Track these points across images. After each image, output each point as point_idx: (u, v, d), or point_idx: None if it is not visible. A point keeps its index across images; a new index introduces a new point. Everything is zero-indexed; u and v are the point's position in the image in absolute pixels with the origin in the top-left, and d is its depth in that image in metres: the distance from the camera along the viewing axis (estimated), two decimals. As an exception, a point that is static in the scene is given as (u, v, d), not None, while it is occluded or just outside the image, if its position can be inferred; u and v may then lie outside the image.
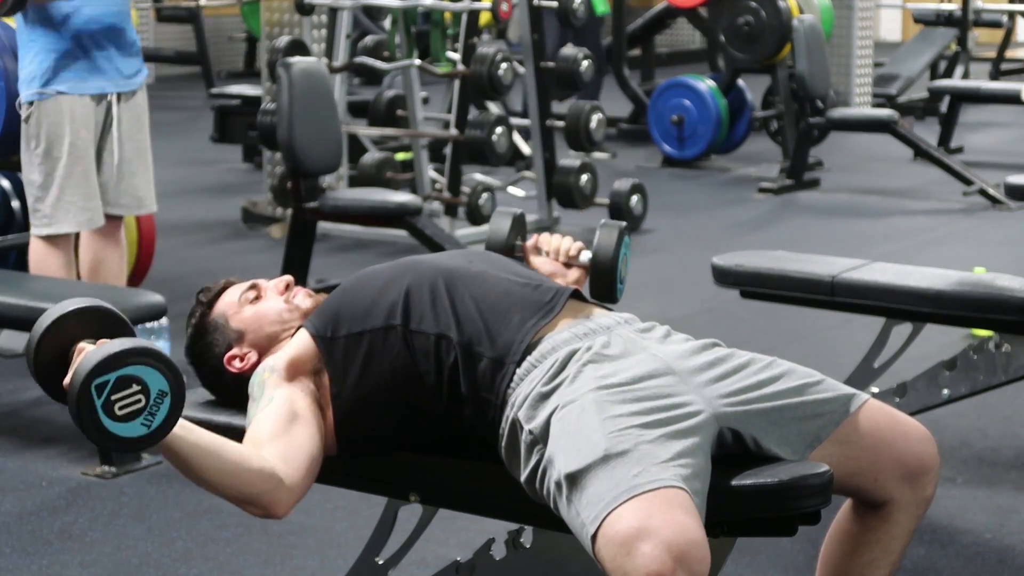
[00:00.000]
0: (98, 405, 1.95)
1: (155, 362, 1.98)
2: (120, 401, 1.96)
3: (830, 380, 2.21)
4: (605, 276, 2.55)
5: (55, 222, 4.23)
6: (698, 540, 1.86)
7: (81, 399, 1.94)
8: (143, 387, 1.96)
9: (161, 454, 2.10)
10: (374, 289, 2.28)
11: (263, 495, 2.12)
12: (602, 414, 2.02)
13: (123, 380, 1.95)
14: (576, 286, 2.53)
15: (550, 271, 2.56)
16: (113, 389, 1.95)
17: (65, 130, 4.20)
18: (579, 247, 2.59)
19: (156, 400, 1.97)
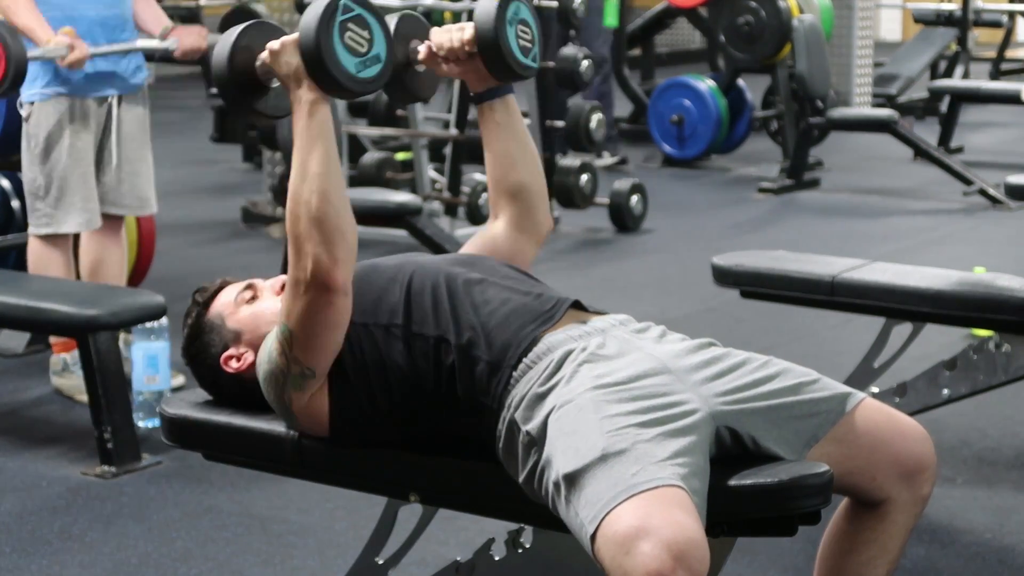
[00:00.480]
0: (338, 20, 2.12)
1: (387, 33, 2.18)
2: (352, 32, 2.13)
3: (826, 379, 2.21)
4: (494, 51, 2.31)
5: (54, 222, 4.23)
6: (697, 539, 1.86)
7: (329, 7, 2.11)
8: (371, 40, 2.15)
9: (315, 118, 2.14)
10: (378, 285, 2.28)
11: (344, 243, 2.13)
12: (599, 414, 2.02)
13: (363, 20, 2.14)
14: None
15: (459, 71, 2.36)
16: (353, 20, 2.13)
17: (65, 131, 4.20)
18: (470, 36, 2.33)
19: (372, 58, 2.15)
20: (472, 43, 2.33)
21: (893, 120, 7.89)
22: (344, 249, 2.14)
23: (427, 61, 2.37)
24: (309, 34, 2.12)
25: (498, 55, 2.31)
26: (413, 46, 2.37)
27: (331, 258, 2.12)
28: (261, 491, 3.51)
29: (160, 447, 3.72)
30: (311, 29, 2.12)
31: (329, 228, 2.12)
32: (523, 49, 2.34)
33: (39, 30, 4.07)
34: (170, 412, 2.43)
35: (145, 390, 4.00)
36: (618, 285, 5.19)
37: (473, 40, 2.32)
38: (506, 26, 2.30)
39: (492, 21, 2.30)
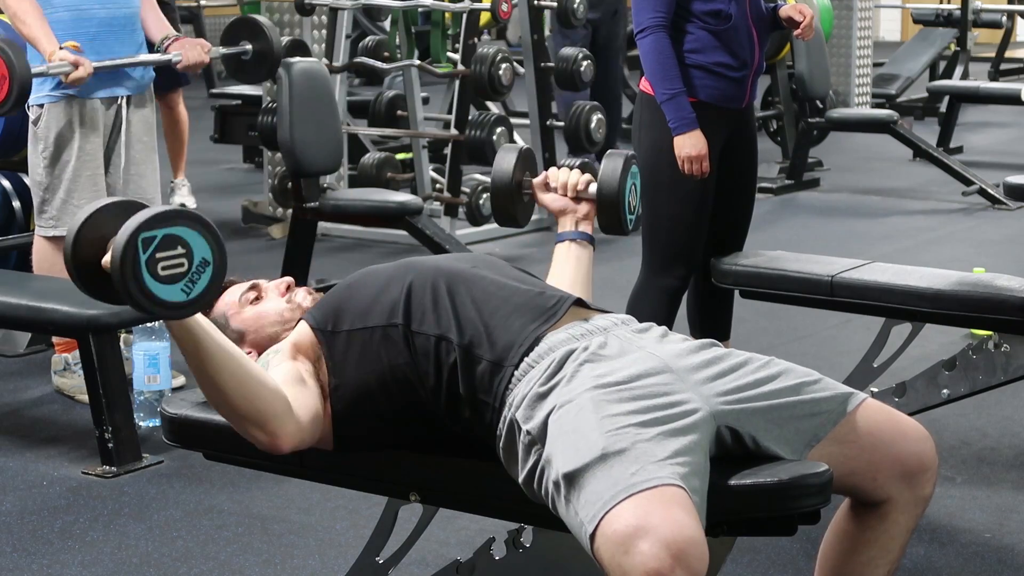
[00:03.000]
0: (142, 259, 1.93)
1: (203, 230, 1.98)
2: (164, 261, 1.95)
3: (828, 379, 2.22)
4: (611, 206, 2.55)
5: (61, 224, 4.23)
6: (696, 538, 1.86)
7: (127, 252, 1.93)
8: (188, 251, 1.96)
9: (182, 341, 2.05)
10: (376, 287, 2.28)
11: (273, 418, 2.12)
12: (599, 413, 2.02)
13: (169, 240, 1.95)
14: (587, 221, 2.61)
15: (560, 207, 2.61)
16: (159, 247, 1.94)
17: (75, 134, 4.20)
18: (587, 180, 2.60)
19: (199, 268, 1.98)
20: (586, 188, 2.60)
21: (893, 120, 7.89)
22: (274, 420, 2.13)
23: (536, 187, 2.60)
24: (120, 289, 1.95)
25: (615, 212, 2.56)
26: (527, 176, 2.65)
27: (267, 434, 2.14)
28: (262, 491, 3.52)
29: (161, 447, 3.72)
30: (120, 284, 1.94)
31: (249, 415, 2.12)
32: (631, 208, 2.58)
33: (44, 41, 4.07)
34: (171, 412, 2.44)
35: (146, 390, 4.01)
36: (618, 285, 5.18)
37: (587, 186, 2.60)
38: (627, 187, 2.56)
39: (617, 179, 2.55)
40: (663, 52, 3.75)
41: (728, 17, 3.77)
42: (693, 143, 3.74)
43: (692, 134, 3.74)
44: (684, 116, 3.74)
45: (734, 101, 3.85)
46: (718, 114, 3.82)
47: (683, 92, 3.76)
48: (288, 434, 2.14)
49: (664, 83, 3.76)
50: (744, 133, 3.95)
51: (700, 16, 3.77)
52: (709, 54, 3.78)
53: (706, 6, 3.76)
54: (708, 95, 3.80)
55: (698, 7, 3.76)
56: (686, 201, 3.83)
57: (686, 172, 3.76)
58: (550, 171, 2.63)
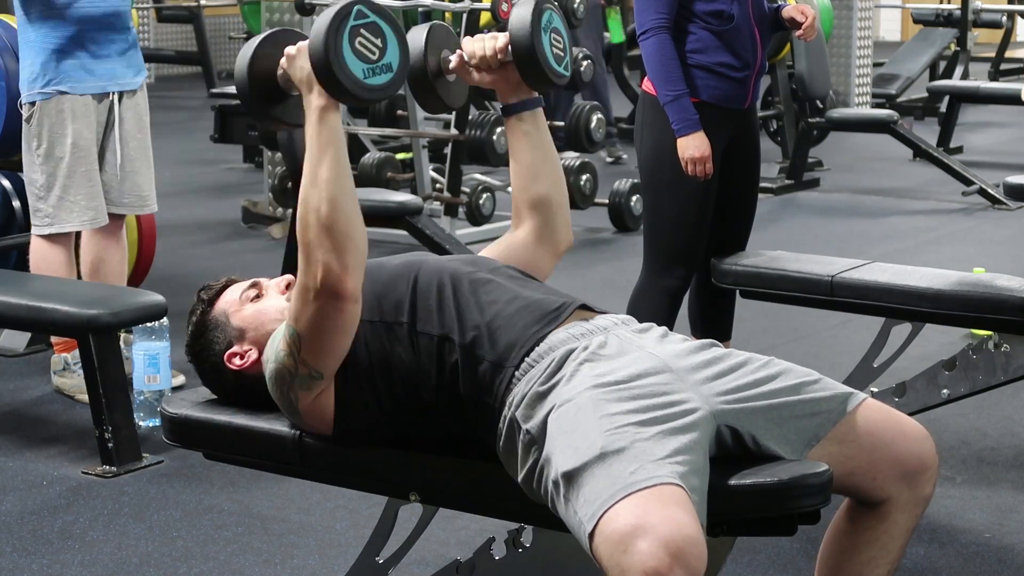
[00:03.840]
0: (349, 24, 2.09)
1: (402, 41, 2.15)
2: (363, 39, 2.10)
3: (827, 379, 2.21)
4: (529, 60, 2.33)
5: (57, 222, 4.24)
6: (695, 537, 1.86)
7: (343, 10, 2.08)
8: (383, 48, 2.12)
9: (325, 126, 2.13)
10: (383, 282, 2.28)
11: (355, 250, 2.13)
12: (599, 412, 2.02)
13: (376, 27, 2.12)
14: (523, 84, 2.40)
15: (490, 81, 2.40)
16: (366, 26, 2.11)
17: (67, 130, 4.20)
18: (503, 44, 2.36)
19: (383, 67, 2.12)
20: (504, 51, 2.36)
21: (893, 120, 7.89)
22: (354, 256, 2.14)
23: (458, 70, 2.41)
24: (318, 37, 2.10)
25: (533, 63, 2.33)
26: (444, 55, 2.41)
27: (341, 265, 2.12)
28: (262, 491, 3.52)
29: (161, 447, 3.72)
30: (320, 33, 2.10)
31: (340, 235, 2.12)
32: (556, 57, 2.37)
33: None
34: (171, 412, 2.44)
35: (146, 390, 4.01)
36: (618, 285, 5.18)
37: (505, 48, 2.35)
38: (541, 34, 2.33)
39: (527, 29, 2.32)
40: (666, 54, 3.75)
41: (730, 18, 3.77)
42: (696, 145, 3.74)
43: (695, 136, 3.74)
44: (687, 118, 3.74)
45: (737, 101, 3.85)
46: (721, 114, 3.82)
47: (686, 94, 3.76)
48: (355, 275, 2.14)
49: (667, 85, 3.76)
50: (747, 133, 3.95)
51: (702, 16, 3.77)
52: (712, 54, 3.79)
53: (708, 7, 3.76)
54: (710, 95, 3.80)
55: (700, 8, 3.76)
56: (688, 201, 3.82)
57: (689, 174, 3.76)
58: (464, 46, 2.39)
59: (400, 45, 2.15)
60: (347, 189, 2.14)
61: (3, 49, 4.69)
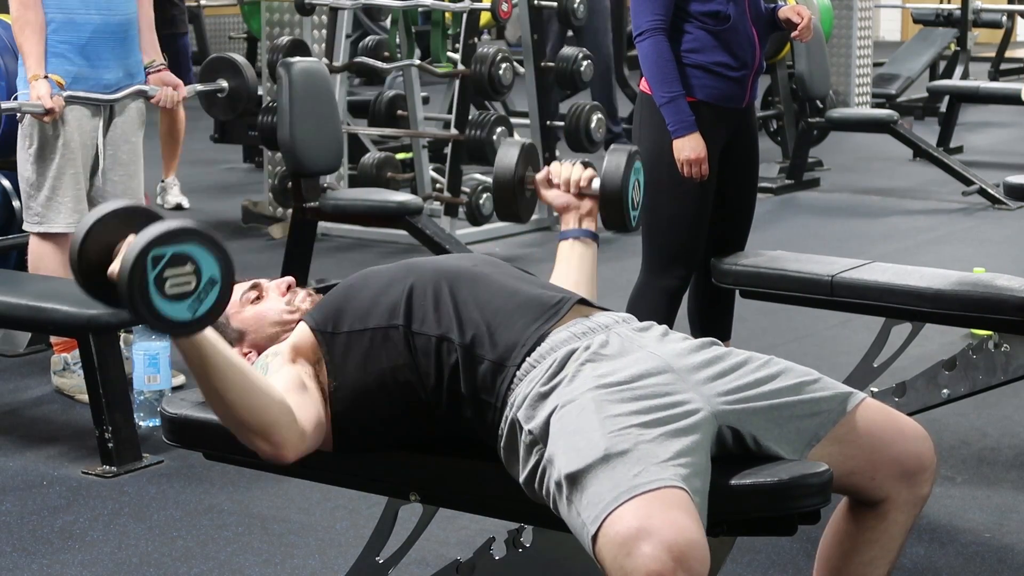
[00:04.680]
0: (151, 277, 1.92)
1: (213, 248, 1.97)
2: (172, 279, 1.94)
3: (827, 379, 2.21)
4: (615, 202, 2.53)
5: (46, 221, 4.26)
6: (698, 540, 1.86)
7: (136, 267, 1.92)
8: (196, 270, 1.95)
9: (189, 355, 2.05)
10: (376, 288, 2.28)
11: (279, 427, 2.12)
12: (601, 413, 2.02)
13: (179, 257, 1.94)
14: (590, 217, 2.59)
15: (563, 203, 2.59)
16: (168, 264, 1.93)
17: (60, 132, 4.21)
18: (590, 175, 2.58)
19: (206, 286, 1.96)
20: (588, 184, 2.57)
21: (893, 120, 7.89)
22: (279, 430, 2.13)
23: (539, 183, 2.60)
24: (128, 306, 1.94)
25: (618, 208, 2.54)
26: (530, 173, 2.63)
27: (272, 444, 2.14)
28: (261, 491, 3.52)
29: (161, 446, 3.72)
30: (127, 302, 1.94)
31: (255, 426, 2.12)
32: (634, 205, 2.55)
33: (32, 60, 4.15)
34: (171, 412, 2.44)
35: (146, 389, 4.01)
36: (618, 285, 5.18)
37: (590, 181, 2.57)
38: (630, 182, 2.52)
39: (620, 175, 2.52)
40: (662, 55, 3.76)
41: (727, 18, 3.77)
42: (692, 146, 3.74)
43: (691, 137, 3.74)
44: (683, 119, 3.75)
45: (734, 101, 3.85)
46: (718, 114, 3.82)
47: (682, 95, 3.76)
48: (292, 444, 2.14)
49: (663, 86, 3.76)
50: (745, 133, 3.95)
51: (698, 17, 3.77)
52: (708, 54, 3.78)
53: (704, 7, 3.76)
54: (707, 95, 3.80)
55: (696, 8, 3.76)
56: (686, 201, 3.82)
57: (685, 175, 3.76)
58: (552, 166, 2.62)
59: (211, 250, 1.97)
60: (239, 388, 2.08)
61: (3, 49, 4.69)
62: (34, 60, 4.13)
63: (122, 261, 1.94)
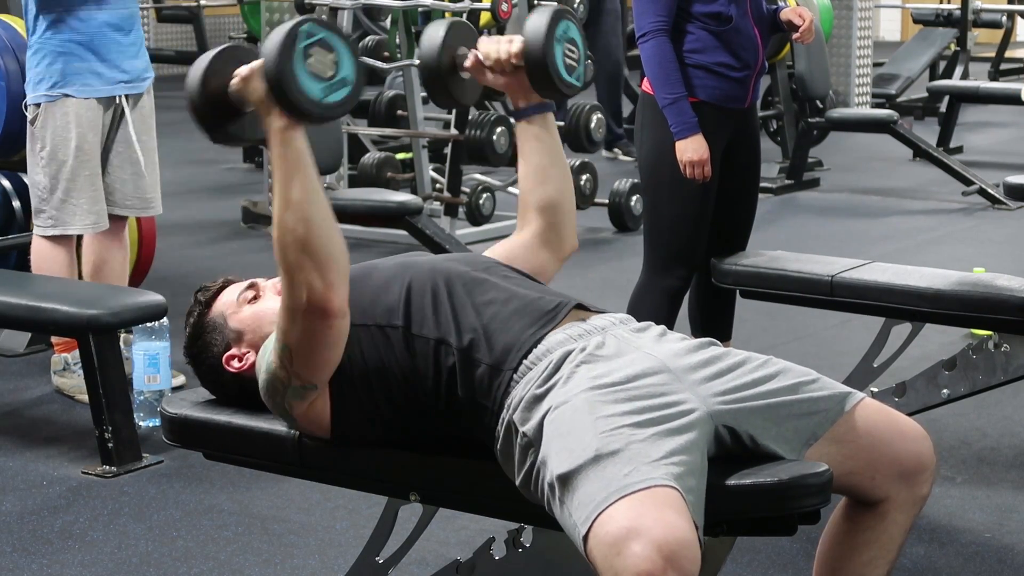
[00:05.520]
0: (300, 46, 2.05)
1: (356, 56, 2.10)
2: (316, 57, 2.06)
3: (826, 379, 2.21)
4: (539, 67, 2.32)
5: (60, 224, 4.23)
6: (688, 540, 1.86)
7: (290, 32, 2.05)
8: (337, 63, 2.08)
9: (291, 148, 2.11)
10: (376, 286, 2.28)
11: (336, 266, 2.11)
12: (594, 414, 2.02)
13: (328, 44, 2.08)
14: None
15: (503, 83, 2.40)
16: (317, 44, 2.07)
17: (71, 133, 4.19)
18: (518, 48, 2.36)
19: (340, 82, 2.09)
20: (519, 56, 2.35)
21: (892, 120, 7.89)
22: (336, 272, 2.12)
23: (472, 69, 2.41)
24: (270, 61, 2.07)
25: (543, 72, 2.33)
26: (460, 53, 2.41)
27: (325, 284, 2.11)
28: (262, 491, 3.52)
29: (161, 447, 3.72)
30: (272, 56, 2.07)
31: (319, 254, 2.10)
32: (568, 67, 2.37)
33: None
34: (171, 412, 2.44)
35: (146, 390, 4.01)
36: (618, 285, 5.19)
37: (520, 53, 2.35)
38: (554, 44, 2.33)
39: (541, 38, 2.31)
40: (664, 56, 3.76)
41: (728, 19, 3.77)
42: (695, 147, 3.74)
43: (694, 138, 3.74)
44: (686, 120, 3.75)
45: (736, 101, 3.85)
46: (720, 114, 3.82)
47: (684, 96, 3.76)
48: (340, 291, 2.12)
49: (666, 87, 3.76)
50: (747, 133, 3.95)
51: (700, 18, 3.77)
52: (711, 54, 3.78)
53: (706, 8, 3.76)
54: (710, 95, 3.80)
55: (698, 9, 3.77)
56: (688, 201, 3.82)
57: (687, 176, 3.76)
58: (480, 47, 2.39)
59: (353, 57, 2.12)
60: (321, 207, 2.11)
61: (3, 49, 4.69)
62: None
63: (277, 29, 2.08)
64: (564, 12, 2.36)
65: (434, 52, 2.40)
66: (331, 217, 2.13)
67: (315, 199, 2.11)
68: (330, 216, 2.13)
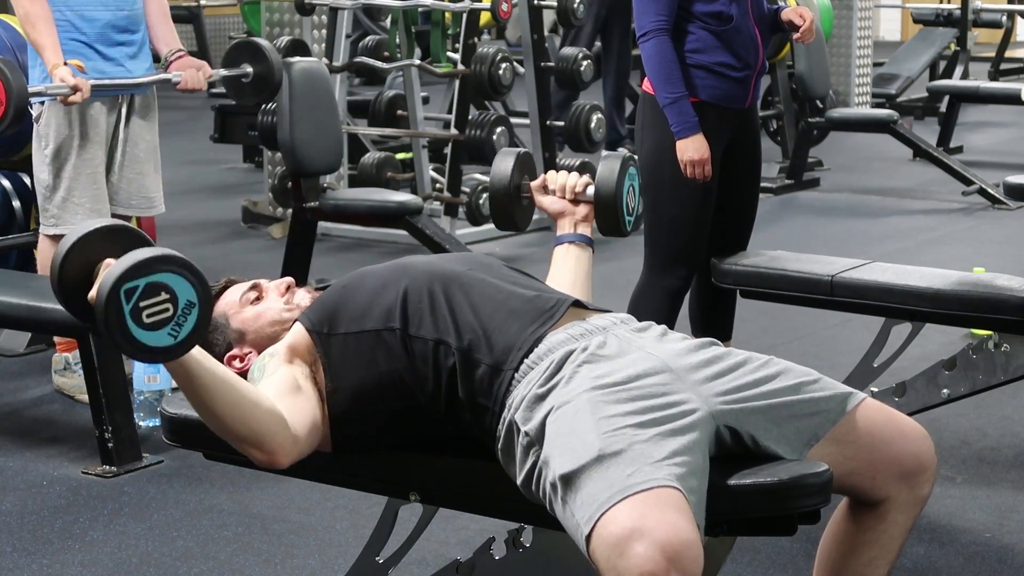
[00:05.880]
0: (126, 311, 1.94)
1: (185, 272, 1.98)
2: (148, 309, 1.95)
3: (827, 379, 2.21)
4: (609, 208, 2.56)
5: (61, 222, 4.23)
6: (691, 540, 1.86)
7: (109, 304, 1.93)
8: (172, 296, 1.97)
9: (176, 375, 2.08)
10: (371, 290, 2.27)
11: (271, 436, 2.12)
12: (596, 414, 2.02)
13: (152, 287, 1.96)
14: (586, 223, 2.61)
15: (559, 209, 2.62)
16: (142, 295, 1.94)
17: (75, 132, 4.19)
18: (585, 182, 2.61)
19: (184, 311, 1.98)
20: (584, 190, 2.60)
21: (892, 120, 7.89)
22: (272, 438, 2.13)
23: (534, 191, 2.62)
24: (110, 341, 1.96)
25: (613, 213, 2.57)
26: (525, 181, 2.65)
27: (265, 452, 2.14)
28: (262, 491, 3.52)
29: (161, 446, 3.72)
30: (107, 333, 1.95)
31: (248, 437, 2.12)
32: (629, 210, 2.59)
33: (50, 51, 4.08)
34: (171, 411, 2.44)
35: (146, 389, 4.01)
36: (618, 285, 5.19)
37: (585, 188, 2.60)
38: (624, 188, 2.55)
39: (614, 181, 2.55)
40: (665, 56, 3.76)
41: (729, 19, 3.77)
42: (696, 147, 3.74)
43: (694, 138, 3.74)
44: (686, 120, 3.75)
45: (737, 101, 3.85)
46: (721, 114, 3.82)
47: (685, 96, 3.76)
48: (285, 451, 2.15)
49: (666, 87, 3.76)
50: (748, 133, 3.95)
51: (701, 17, 3.77)
52: (711, 54, 3.79)
53: (707, 8, 3.76)
54: (710, 95, 3.80)
55: (699, 8, 3.77)
56: (688, 201, 3.83)
57: (688, 176, 3.76)
58: (548, 174, 2.64)
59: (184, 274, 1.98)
60: (225, 404, 2.09)
61: (3, 49, 4.69)
62: (51, 51, 4.08)
63: (97, 295, 1.96)
64: (632, 159, 2.61)
65: (504, 181, 2.64)
66: (243, 399, 2.11)
67: (219, 401, 2.09)
68: (241, 399, 2.10)
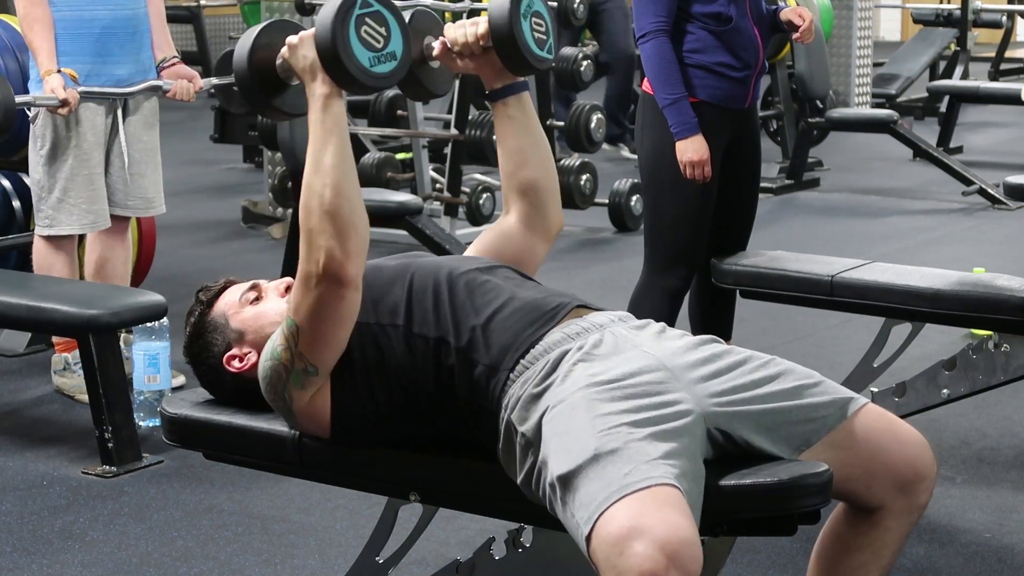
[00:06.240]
0: (355, 12, 2.14)
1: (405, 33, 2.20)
2: (368, 27, 2.16)
3: (829, 382, 2.20)
4: (508, 44, 2.32)
5: (56, 223, 4.23)
6: (690, 538, 1.86)
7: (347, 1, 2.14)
8: (387, 37, 2.18)
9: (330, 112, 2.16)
10: (379, 284, 2.28)
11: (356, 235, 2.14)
12: (591, 413, 2.02)
13: (381, 17, 2.18)
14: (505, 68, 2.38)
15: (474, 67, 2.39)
16: (370, 15, 2.16)
17: (71, 132, 4.19)
18: (484, 30, 2.35)
19: (388, 55, 2.18)
20: (486, 37, 2.35)
21: (892, 120, 7.89)
22: (356, 243, 2.14)
23: (441, 57, 2.40)
24: (325, 27, 2.14)
25: (513, 48, 2.33)
26: (427, 42, 2.41)
27: (343, 252, 2.12)
28: (262, 491, 3.52)
29: (161, 447, 3.72)
30: (327, 21, 2.14)
31: (342, 222, 2.12)
32: (538, 42, 2.36)
33: (44, 56, 4.11)
34: (171, 412, 2.44)
35: (146, 390, 4.01)
36: (618, 285, 5.19)
37: (487, 34, 2.34)
38: (520, 19, 2.33)
39: (506, 15, 2.32)
40: (664, 57, 3.76)
41: (728, 19, 3.77)
42: (695, 148, 3.74)
43: (694, 139, 3.74)
44: (686, 121, 3.75)
45: (737, 101, 3.85)
46: (721, 114, 3.82)
47: (685, 97, 3.76)
48: (356, 263, 2.14)
49: (666, 88, 3.77)
50: (748, 133, 3.95)
51: (700, 18, 3.77)
52: (711, 54, 3.79)
53: (706, 8, 3.76)
54: (710, 95, 3.80)
55: (698, 9, 3.77)
56: (688, 201, 3.83)
57: (688, 176, 3.77)
58: (446, 33, 2.37)
59: (403, 34, 2.19)
60: (350, 176, 2.16)
61: (3, 49, 4.69)
62: (45, 56, 4.10)
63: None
64: None
65: None
66: (358, 190, 2.17)
67: (346, 168, 2.15)
68: (357, 188, 2.16)
